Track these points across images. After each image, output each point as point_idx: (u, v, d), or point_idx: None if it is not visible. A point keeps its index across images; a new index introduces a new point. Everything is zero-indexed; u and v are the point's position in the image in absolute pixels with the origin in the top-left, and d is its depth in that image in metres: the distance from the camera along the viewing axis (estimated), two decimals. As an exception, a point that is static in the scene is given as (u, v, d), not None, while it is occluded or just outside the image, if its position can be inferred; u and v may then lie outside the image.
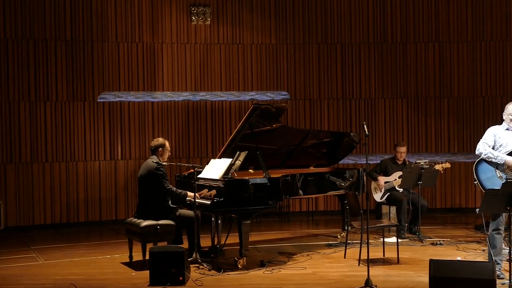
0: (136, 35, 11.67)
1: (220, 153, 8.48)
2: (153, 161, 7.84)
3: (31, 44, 11.10)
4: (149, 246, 7.33)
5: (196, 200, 7.61)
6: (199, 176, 8.03)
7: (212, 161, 8.27)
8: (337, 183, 8.85)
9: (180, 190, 7.87)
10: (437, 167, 9.44)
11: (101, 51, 11.47)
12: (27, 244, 9.72)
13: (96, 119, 11.47)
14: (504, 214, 6.66)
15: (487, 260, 6.83)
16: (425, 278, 6.46)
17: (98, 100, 11.47)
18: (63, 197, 11.29)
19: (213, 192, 7.76)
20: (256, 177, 7.91)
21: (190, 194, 7.83)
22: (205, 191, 7.87)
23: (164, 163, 7.93)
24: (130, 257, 7.95)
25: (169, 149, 8.11)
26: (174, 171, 10.89)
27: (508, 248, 6.55)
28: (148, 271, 6.90)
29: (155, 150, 7.98)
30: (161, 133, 11.56)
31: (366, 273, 6.53)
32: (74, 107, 11.34)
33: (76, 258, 8.58)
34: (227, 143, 8.50)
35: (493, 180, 6.81)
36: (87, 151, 11.44)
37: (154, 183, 7.75)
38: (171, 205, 7.87)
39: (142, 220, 7.68)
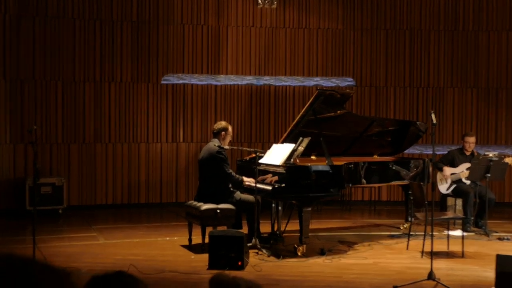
0: (201, 18, 11.73)
1: (282, 139, 8.47)
2: (215, 145, 7.86)
3: (97, 24, 11.28)
4: (208, 229, 7.39)
5: (257, 185, 7.62)
6: (261, 161, 8.02)
7: (274, 146, 8.26)
8: (402, 172, 8.76)
9: (238, 176, 7.90)
10: (507, 160, 9.21)
11: (166, 33, 11.58)
12: (89, 223, 9.93)
13: (159, 101, 11.60)
14: None
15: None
16: (491, 273, 6.32)
17: (162, 82, 11.59)
18: (125, 178, 11.48)
19: (275, 178, 7.76)
20: (319, 164, 7.87)
21: (246, 179, 7.86)
22: (269, 176, 7.88)
23: (226, 147, 7.94)
24: (190, 240, 8.03)
25: (231, 133, 8.11)
26: (235, 155, 10.95)
27: None
28: (207, 254, 6.95)
29: (217, 134, 8.00)
30: (224, 116, 11.61)
31: (429, 265, 6.43)
32: (138, 89, 11.50)
33: (136, 239, 8.71)
34: (290, 129, 8.48)
35: None
36: (150, 133, 11.59)
37: (215, 166, 7.78)
38: (232, 189, 7.91)
39: (202, 204, 7.73)
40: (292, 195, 7.58)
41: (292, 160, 7.81)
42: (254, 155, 8.03)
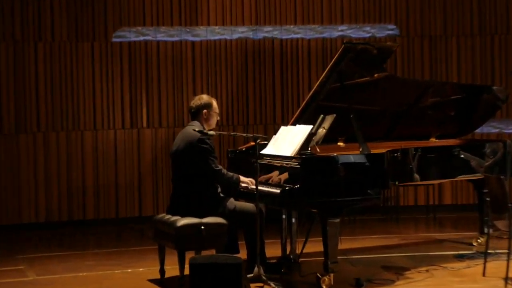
0: None
1: (294, 118, 8.46)
2: (194, 130, 7.81)
3: (14, -42, 11.26)
4: (189, 255, 7.33)
5: (259, 187, 7.55)
6: (263, 152, 8.01)
7: (283, 129, 8.22)
8: (473, 162, 8.71)
9: (231, 174, 7.87)
10: None
11: (117, -33, 11.57)
12: (12, 251, 9.91)
13: (111, 67, 11.58)
14: None
15: None
16: None
17: (113, 39, 11.58)
18: (63, 184, 11.49)
19: (285, 176, 7.71)
20: (349, 154, 7.86)
21: (244, 179, 7.83)
22: (274, 175, 7.82)
23: (211, 133, 7.88)
24: (162, 271, 8.00)
25: (217, 111, 8.09)
26: (226, 144, 10.94)
27: None
28: (188, 292, 6.93)
29: (197, 113, 7.96)
30: (206, 87, 11.60)
31: (519, 299, 6.42)
32: (78, 50, 11.49)
33: (83, 272, 8.68)
34: (304, 103, 8.47)
35: None
36: (97, 116, 11.59)
37: (196, 161, 7.74)
38: (222, 195, 7.86)
39: (178, 218, 7.68)
40: (311, 200, 7.51)
41: (309, 148, 7.76)
42: (253, 143, 7.97)
